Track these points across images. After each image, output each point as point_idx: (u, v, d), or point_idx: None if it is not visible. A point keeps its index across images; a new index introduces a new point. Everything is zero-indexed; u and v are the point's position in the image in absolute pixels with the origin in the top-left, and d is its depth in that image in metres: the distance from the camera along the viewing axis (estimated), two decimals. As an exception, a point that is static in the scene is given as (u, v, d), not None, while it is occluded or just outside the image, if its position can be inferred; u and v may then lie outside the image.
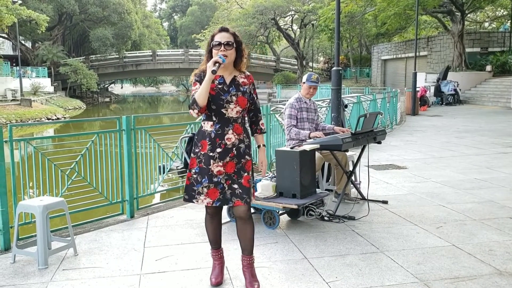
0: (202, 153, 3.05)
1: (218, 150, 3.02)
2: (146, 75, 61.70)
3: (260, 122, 3.26)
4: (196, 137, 3.14)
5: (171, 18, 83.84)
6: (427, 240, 4.12)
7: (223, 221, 4.51)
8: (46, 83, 39.17)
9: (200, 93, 2.92)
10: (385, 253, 3.82)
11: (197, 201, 3.07)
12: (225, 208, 4.64)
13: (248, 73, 3.19)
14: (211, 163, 3.02)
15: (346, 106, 9.37)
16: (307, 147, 4.58)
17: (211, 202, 3.04)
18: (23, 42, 45.76)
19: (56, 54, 43.69)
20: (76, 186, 4.67)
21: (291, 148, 4.57)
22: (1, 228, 3.97)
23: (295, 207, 4.36)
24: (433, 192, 5.87)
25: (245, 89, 3.09)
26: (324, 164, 5.49)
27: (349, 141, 4.71)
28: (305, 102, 5.23)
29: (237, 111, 3.05)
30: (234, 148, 3.05)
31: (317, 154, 4.97)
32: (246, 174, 3.08)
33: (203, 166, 3.03)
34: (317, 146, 4.69)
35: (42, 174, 4.31)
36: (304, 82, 5.23)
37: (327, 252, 3.85)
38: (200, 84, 2.99)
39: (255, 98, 3.20)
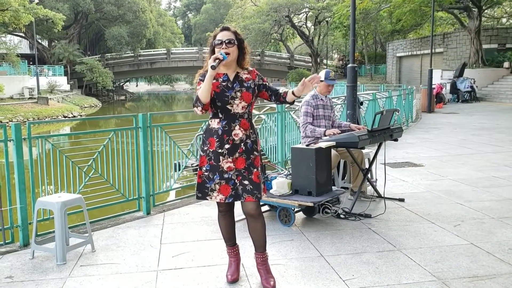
0: (211, 150, 3.06)
1: (227, 146, 3.03)
2: (160, 73, 62.14)
3: (280, 90, 3.20)
4: (203, 135, 3.15)
5: (185, 16, 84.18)
6: (444, 239, 4.08)
7: (238, 218, 4.53)
8: (62, 82, 39.63)
9: (202, 90, 2.93)
10: (402, 251, 3.79)
11: (211, 198, 3.08)
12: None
13: (251, 69, 3.18)
14: (221, 159, 3.03)
15: (361, 103, 9.30)
16: (323, 144, 4.56)
17: (223, 199, 3.05)
18: (39, 41, 46.34)
19: (72, 53, 44.18)
20: (93, 183, 4.71)
21: (307, 145, 4.55)
22: (20, 224, 4.03)
23: (310, 204, 4.34)
24: (450, 190, 5.81)
25: (249, 84, 3.09)
26: (339, 161, 5.46)
27: (366, 139, 4.67)
28: (321, 99, 5.20)
29: (242, 106, 3.06)
30: (242, 144, 3.05)
31: (333, 151, 4.94)
32: (255, 170, 3.08)
33: (213, 163, 3.05)
34: (333, 143, 4.67)
35: (60, 171, 4.36)
36: (321, 80, 5.18)
37: (343, 250, 3.83)
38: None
39: (267, 84, 3.18)
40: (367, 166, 5.42)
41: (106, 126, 19.67)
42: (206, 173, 3.08)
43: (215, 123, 3.08)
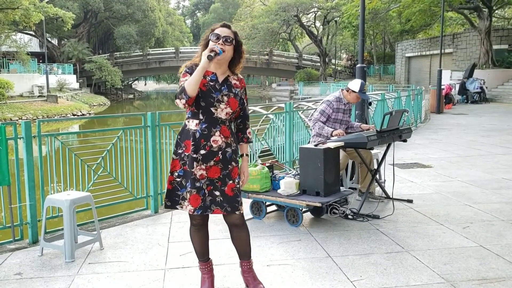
0: (186, 154, 2.82)
1: (202, 152, 2.80)
2: (169, 72, 62.24)
3: (247, 131, 3.03)
4: (179, 137, 2.90)
5: (194, 15, 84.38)
6: (453, 240, 4.05)
7: (248, 217, 4.53)
8: (71, 80, 39.89)
9: (191, 81, 2.69)
10: (410, 253, 3.77)
11: (181, 208, 2.86)
12: (248, 202, 4.64)
13: (241, 77, 2.99)
14: (194, 165, 2.80)
15: (370, 103, 9.27)
16: (331, 144, 4.55)
17: (192, 210, 2.81)
18: (49, 39, 46.64)
19: (82, 51, 44.43)
20: (102, 181, 4.73)
21: (315, 145, 4.54)
22: (29, 221, 4.06)
23: (318, 205, 4.33)
24: (459, 192, 5.77)
25: (237, 92, 2.88)
26: (348, 162, 5.44)
27: (374, 139, 4.65)
28: (344, 103, 5.16)
29: (226, 113, 2.84)
30: (220, 152, 2.83)
31: (342, 152, 4.93)
32: (231, 182, 2.86)
33: (187, 169, 2.82)
34: (342, 143, 4.65)
35: (69, 169, 4.38)
36: (354, 91, 5.09)
37: (351, 251, 3.82)
38: (191, 76, 2.76)
39: (245, 104, 2.99)
40: (375, 166, 5.40)
41: (114, 125, 19.77)
42: (178, 179, 2.86)
43: (192, 125, 2.84)
